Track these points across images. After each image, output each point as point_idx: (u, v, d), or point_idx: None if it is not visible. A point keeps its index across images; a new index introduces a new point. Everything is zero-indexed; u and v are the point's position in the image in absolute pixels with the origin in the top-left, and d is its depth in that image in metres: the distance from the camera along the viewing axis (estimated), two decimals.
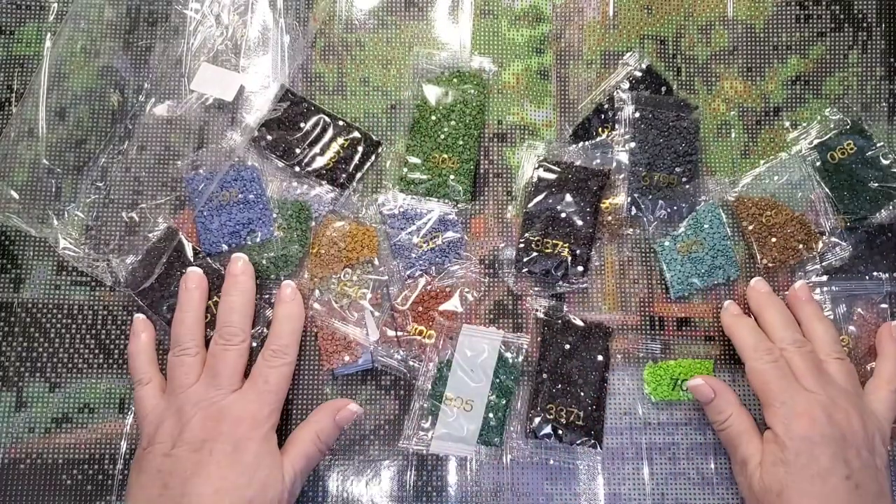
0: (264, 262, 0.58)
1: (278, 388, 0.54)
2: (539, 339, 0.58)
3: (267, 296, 0.58)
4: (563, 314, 0.59)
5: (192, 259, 0.58)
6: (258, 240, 0.58)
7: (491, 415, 0.56)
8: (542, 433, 0.55)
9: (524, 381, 0.58)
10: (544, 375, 0.57)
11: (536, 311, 0.59)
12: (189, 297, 0.56)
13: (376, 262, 0.59)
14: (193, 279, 0.56)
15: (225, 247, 0.58)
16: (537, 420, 0.55)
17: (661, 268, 0.60)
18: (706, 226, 0.60)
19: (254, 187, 0.59)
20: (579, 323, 0.58)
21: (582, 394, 0.56)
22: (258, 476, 0.50)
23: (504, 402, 0.56)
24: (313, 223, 0.59)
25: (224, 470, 0.49)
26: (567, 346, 0.57)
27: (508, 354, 0.57)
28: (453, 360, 0.57)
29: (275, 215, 0.59)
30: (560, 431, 0.55)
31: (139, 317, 0.57)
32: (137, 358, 0.56)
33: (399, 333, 0.58)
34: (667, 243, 0.60)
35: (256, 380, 0.53)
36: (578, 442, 0.55)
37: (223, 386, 0.52)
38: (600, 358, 0.57)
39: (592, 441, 0.55)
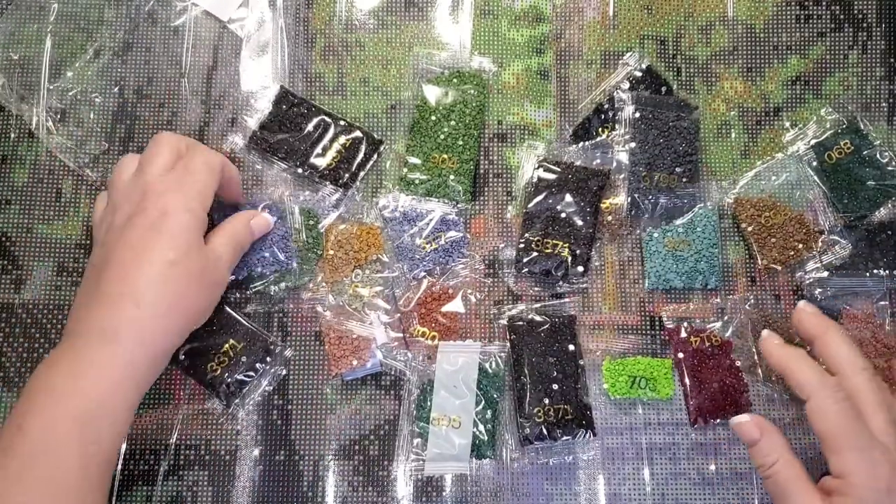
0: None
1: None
2: (509, 345, 0.58)
3: (277, 309, 0.58)
4: (522, 311, 0.59)
5: (237, 317, 0.57)
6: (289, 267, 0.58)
7: (481, 427, 0.56)
8: (535, 438, 0.55)
9: (506, 391, 0.57)
10: (524, 379, 0.56)
11: (499, 319, 0.59)
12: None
13: (384, 258, 0.59)
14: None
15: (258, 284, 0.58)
16: (528, 427, 0.55)
17: (642, 256, 0.60)
18: (699, 229, 0.60)
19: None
20: (540, 318, 0.58)
21: (565, 387, 0.56)
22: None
23: (491, 412, 0.56)
24: (321, 226, 0.59)
25: None
26: (539, 346, 0.57)
27: (488, 365, 0.57)
28: (435, 380, 0.56)
29: (285, 231, 0.58)
30: (553, 430, 0.55)
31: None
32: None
33: (405, 335, 0.58)
34: (655, 234, 0.60)
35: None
36: (575, 435, 0.55)
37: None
38: (571, 347, 0.57)
39: (587, 431, 0.55)
